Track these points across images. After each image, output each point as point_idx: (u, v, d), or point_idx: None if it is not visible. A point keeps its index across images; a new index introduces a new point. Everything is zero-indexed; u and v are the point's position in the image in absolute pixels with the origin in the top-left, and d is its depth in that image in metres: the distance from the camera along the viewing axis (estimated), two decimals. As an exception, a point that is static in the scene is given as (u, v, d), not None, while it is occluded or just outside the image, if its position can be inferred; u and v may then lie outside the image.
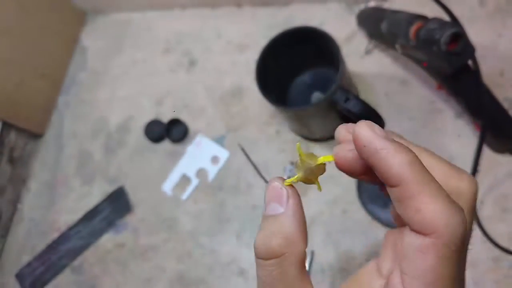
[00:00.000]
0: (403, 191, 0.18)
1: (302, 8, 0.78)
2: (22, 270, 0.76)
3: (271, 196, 0.22)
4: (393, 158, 0.18)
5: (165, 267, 0.69)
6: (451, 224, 0.16)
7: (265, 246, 0.20)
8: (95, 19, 0.97)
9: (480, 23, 0.64)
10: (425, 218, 0.17)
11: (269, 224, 0.21)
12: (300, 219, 0.21)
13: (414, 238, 0.17)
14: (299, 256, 0.20)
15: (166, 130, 0.77)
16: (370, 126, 0.19)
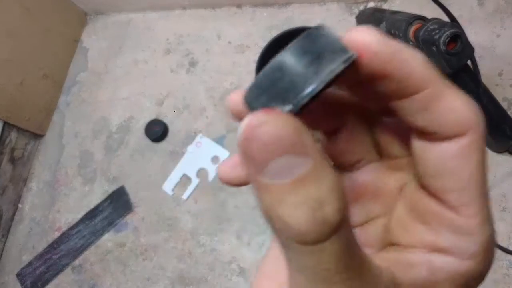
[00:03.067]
0: (431, 93, 0.14)
1: (302, 8, 0.78)
2: (23, 270, 0.77)
3: (277, 148, 0.12)
4: (414, 58, 0.14)
5: (165, 266, 0.69)
6: (479, 115, 0.14)
7: (318, 223, 0.12)
8: (96, 20, 0.97)
9: (479, 24, 0.65)
10: (461, 114, 0.14)
11: (298, 192, 0.12)
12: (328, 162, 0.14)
13: (447, 146, 0.15)
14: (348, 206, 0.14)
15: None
16: (371, 29, 0.14)
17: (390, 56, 0.14)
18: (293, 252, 0.13)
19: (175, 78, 0.83)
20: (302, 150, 0.12)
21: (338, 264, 0.13)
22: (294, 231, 0.12)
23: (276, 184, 0.12)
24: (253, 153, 0.12)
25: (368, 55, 0.14)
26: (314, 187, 0.12)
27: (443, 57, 0.47)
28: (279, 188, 0.12)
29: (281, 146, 0.12)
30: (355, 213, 0.18)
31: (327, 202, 0.12)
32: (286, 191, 0.12)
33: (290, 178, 0.12)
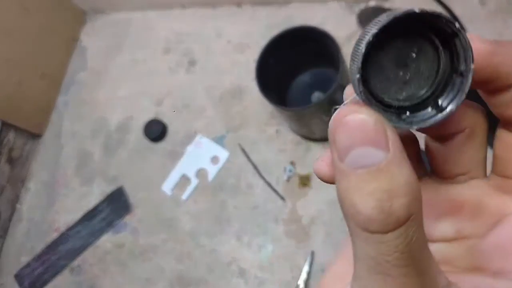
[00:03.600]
0: None
1: (302, 7, 0.78)
2: (21, 271, 0.76)
3: (359, 138, 0.14)
4: None
5: (164, 267, 0.68)
6: None
7: (384, 213, 0.13)
8: (95, 19, 0.96)
9: (481, 23, 0.64)
10: None
11: (371, 181, 0.13)
12: (407, 160, 0.14)
13: None
14: (422, 206, 0.14)
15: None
16: None
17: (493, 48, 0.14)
18: (358, 239, 0.14)
19: (174, 77, 0.83)
20: (381, 143, 0.13)
21: (398, 258, 0.13)
22: (361, 217, 0.13)
23: (353, 172, 0.13)
24: (338, 140, 0.14)
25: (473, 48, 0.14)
26: (386, 180, 0.13)
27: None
28: (355, 175, 0.13)
29: (363, 136, 0.13)
30: (446, 226, 0.17)
31: (396, 196, 0.13)
32: (361, 179, 0.13)
33: (366, 167, 0.13)
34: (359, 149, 0.13)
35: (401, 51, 0.15)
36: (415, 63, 0.15)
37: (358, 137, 0.13)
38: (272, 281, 0.62)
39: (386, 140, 0.13)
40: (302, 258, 0.61)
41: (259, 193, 0.68)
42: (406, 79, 0.15)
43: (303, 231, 0.63)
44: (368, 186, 0.13)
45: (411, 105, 0.15)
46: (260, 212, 0.67)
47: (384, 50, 0.15)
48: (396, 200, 0.13)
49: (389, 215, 0.13)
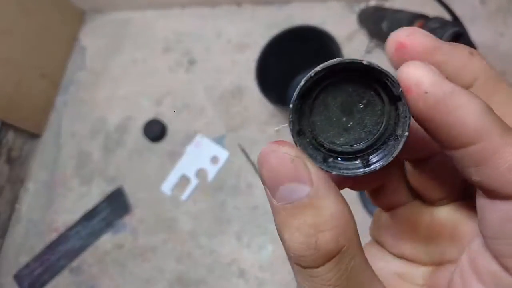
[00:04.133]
0: (485, 148, 0.13)
1: (303, 7, 0.77)
2: (21, 271, 0.76)
3: (282, 175, 0.14)
4: (468, 106, 0.13)
5: (164, 268, 0.68)
6: None
7: (311, 249, 0.13)
8: (94, 19, 0.96)
9: (482, 22, 0.64)
10: None
11: (297, 217, 0.13)
12: (335, 189, 0.14)
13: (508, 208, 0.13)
14: (357, 237, 0.14)
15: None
16: (425, 65, 0.13)
17: (440, 99, 0.13)
18: (294, 272, 0.14)
19: (174, 77, 0.83)
20: (302, 178, 0.13)
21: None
22: (291, 253, 0.13)
23: (283, 207, 0.13)
24: (265, 178, 0.14)
25: (417, 94, 0.13)
26: (311, 214, 0.13)
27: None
28: (284, 211, 0.13)
29: (285, 174, 0.13)
30: (432, 251, 0.17)
31: (322, 230, 0.13)
32: (289, 214, 0.13)
33: (293, 203, 0.13)
34: (286, 185, 0.14)
35: (350, 98, 0.15)
36: (361, 114, 0.15)
37: (281, 174, 0.14)
38: (272, 282, 0.62)
39: (307, 175, 0.13)
40: (302, 258, 0.61)
41: (259, 193, 0.68)
42: (348, 126, 0.15)
43: (303, 232, 0.63)
44: (295, 221, 0.13)
45: (343, 152, 0.15)
46: (260, 212, 0.66)
47: (334, 93, 0.15)
48: (321, 234, 0.13)
49: (316, 250, 0.13)
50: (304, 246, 0.13)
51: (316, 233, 0.13)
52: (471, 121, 0.13)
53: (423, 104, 0.13)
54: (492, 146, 0.13)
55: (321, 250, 0.13)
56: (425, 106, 0.13)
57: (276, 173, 0.14)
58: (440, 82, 0.13)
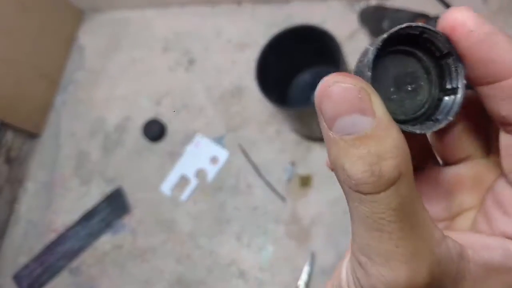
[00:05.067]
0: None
1: (303, 6, 0.77)
2: (20, 272, 0.75)
3: (346, 105, 0.14)
4: (505, 44, 0.15)
5: (163, 268, 0.68)
6: None
7: (374, 176, 0.14)
8: (93, 18, 0.96)
9: (483, 22, 0.64)
10: None
11: (359, 147, 0.14)
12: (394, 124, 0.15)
13: None
14: (411, 165, 0.15)
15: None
16: (470, 9, 0.15)
17: (483, 37, 0.15)
18: (353, 201, 0.15)
19: (173, 76, 0.82)
20: (366, 110, 0.14)
21: (391, 215, 0.14)
22: (353, 181, 0.14)
23: (342, 139, 0.14)
24: (324, 110, 0.14)
25: (462, 33, 0.15)
26: (374, 144, 0.14)
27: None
28: (344, 142, 0.14)
29: (348, 105, 0.14)
30: (450, 205, 0.19)
31: (385, 158, 0.14)
32: (350, 145, 0.14)
33: (354, 134, 0.14)
34: (346, 117, 0.14)
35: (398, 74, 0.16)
36: (413, 86, 0.16)
37: (343, 105, 0.14)
38: (272, 282, 0.62)
39: (371, 106, 0.14)
40: (303, 259, 0.61)
41: (259, 193, 0.67)
42: (401, 97, 0.16)
43: (303, 232, 0.63)
44: (357, 151, 0.14)
45: (405, 120, 0.17)
46: (260, 213, 0.66)
47: (383, 70, 0.16)
48: (384, 162, 0.14)
49: (379, 177, 0.14)
50: (367, 174, 0.14)
51: (379, 161, 0.14)
52: (508, 56, 0.15)
53: (468, 42, 0.15)
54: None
55: (384, 176, 0.14)
56: (470, 43, 0.15)
57: (338, 105, 0.14)
58: (483, 23, 0.15)
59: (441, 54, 0.16)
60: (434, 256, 0.15)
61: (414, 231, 0.15)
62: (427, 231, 0.15)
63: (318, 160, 0.67)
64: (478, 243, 0.16)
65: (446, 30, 0.15)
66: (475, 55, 0.15)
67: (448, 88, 0.16)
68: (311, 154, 0.67)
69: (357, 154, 0.14)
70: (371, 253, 0.15)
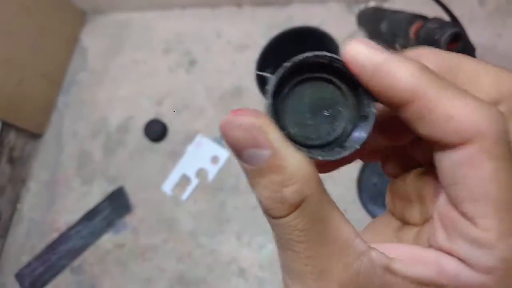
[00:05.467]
0: (422, 104, 0.15)
1: (302, 8, 0.78)
2: (22, 270, 0.76)
3: (242, 143, 0.15)
4: (399, 70, 0.15)
5: (165, 267, 0.69)
6: (492, 118, 0.14)
7: (277, 202, 0.15)
8: (95, 19, 0.97)
9: (480, 23, 0.64)
10: (461, 122, 0.14)
11: (263, 176, 0.15)
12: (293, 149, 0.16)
13: (455, 155, 0.15)
14: (319, 186, 0.16)
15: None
16: (363, 42, 0.16)
17: (375, 67, 0.15)
18: (269, 223, 0.16)
19: (174, 77, 0.83)
20: (262, 144, 0.15)
21: (299, 235, 0.16)
22: (262, 207, 0.16)
23: (249, 169, 0.16)
24: (227, 144, 0.16)
25: (356, 67, 0.16)
26: (274, 174, 0.15)
27: (444, 57, 0.47)
28: (251, 172, 0.16)
29: (243, 141, 0.15)
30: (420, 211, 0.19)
31: (286, 185, 0.15)
32: (256, 174, 0.16)
33: (256, 166, 0.15)
34: (245, 152, 0.15)
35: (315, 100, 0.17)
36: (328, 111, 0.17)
37: (240, 142, 0.15)
38: (272, 281, 0.62)
39: (265, 139, 0.15)
40: (302, 257, 0.61)
41: (259, 193, 0.68)
42: (317, 122, 0.17)
43: (303, 231, 0.63)
44: (262, 180, 0.15)
45: (320, 144, 0.17)
46: (260, 212, 0.66)
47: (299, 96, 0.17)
48: (286, 189, 0.15)
49: (282, 203, 0.15)
50: (271, 200, 0.15)
51: (280, 188, 0.15)
52: (402, 83, 0.15)
53: (364, 75, 0.16)
54: (428, 102, 0.15)
55: (287, 202, 0.15)
56: (366, 76, 0.16)
57: (236, 141, 0.15)
58: (374, 54, 0.15)
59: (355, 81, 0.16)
60: (349, 270, 0.16)
61: (325, 248, 0.16)
62: (342, 246, 0.16)
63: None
64: (410, 256, 0.16)
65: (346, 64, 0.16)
66: (374, 86, 0.16)
67: (362, 115, 0.17)
68: (310, 154, 0.68)
69: (262, 183, 0.15)
70: (289, 272, 0.17)
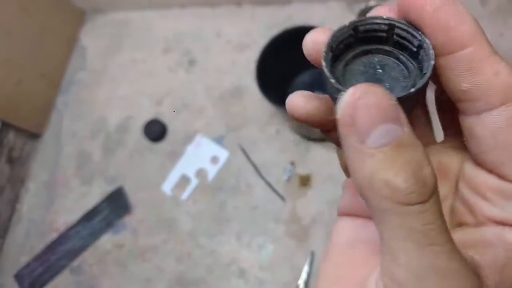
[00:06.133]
0: (476, 53, 0.14)
1: (302, 7, 0.78)
2: (21, 271, 0.76)
3: (380, 114, 0.13)
4: (465, 14, 0.15)
5: (164, 267, 0.68)
6: None
7: (420, 182, 0.13)
8: (94, 19, 0.96)
9: (482, 23, 0.63)
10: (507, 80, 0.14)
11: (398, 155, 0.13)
12: None
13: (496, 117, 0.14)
14: None
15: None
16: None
17: (439, 5, 0.15)
18: (397, 217, 0.14)
19: (174, 77, 0.83)
20: (399, 119, 0.14)
21: (440, 225, 0.13)
22: (399, 192, 0.13)
23: (379, 151, 0.13)
24: (357, 122, 0.14)
25: (418, 7, 0.15)
26: (412, 151, 0.13)
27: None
28: (382, 153, 0.13)
29: (383, 114, 0.13)
30: None
31: (424, 165, 0.13)
32: (389, 155, 0.13)
33: (391, 143, 0.13)
34: (381, 127, 0.13)
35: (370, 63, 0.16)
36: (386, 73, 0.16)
37: (379, 115, 0.13)
38: (272, 282, 0.62)
39: (401, 115, 0.14)
40: (302, 258, 0.61)
41: (259, 193, 0.68)
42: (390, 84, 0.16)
43: (303, 231, 0.63)
44: (398, 160, 0.13)
45: None
46: (260, 212, 0.67)
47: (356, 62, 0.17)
48: (425, 168, 0.13)
49: (424, 184, 0.13)
50: (414, 181, 0.13)
51: (421, 168, 0.13)
52: (467, 25, 0.15)
53: (426, 14, 0.15)
54: (482, 51, 0.14)
55: (428, 183, 0.13)
56: (428, 14, 0.15)
57: (373, 116, 0.13)
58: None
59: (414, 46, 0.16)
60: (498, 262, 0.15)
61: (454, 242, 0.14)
62: None
63: (318, 160, 0.67)
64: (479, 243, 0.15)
65: (404, 11, 0.15)
66: (434, 25, 0.15)
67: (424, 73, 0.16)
68: (310, 154, 0.68)
69: (398, 164, 0.13)
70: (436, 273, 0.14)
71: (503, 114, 0.14)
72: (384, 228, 0.14)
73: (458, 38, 0.15)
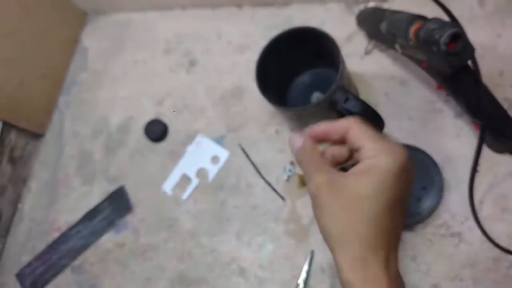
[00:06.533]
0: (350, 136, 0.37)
1: (302, 8, 0.78)
2: (23, 270, 0.76)
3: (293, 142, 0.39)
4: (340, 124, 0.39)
5: (165, 266, 0.69)
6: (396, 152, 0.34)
7: None
8: (96, 20, 0.97)
9: (480, 23, 0.64)
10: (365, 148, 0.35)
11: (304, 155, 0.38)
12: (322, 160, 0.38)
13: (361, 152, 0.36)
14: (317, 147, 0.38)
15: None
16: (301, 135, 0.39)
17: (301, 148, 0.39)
18: None
19: (174, 78, 0.83)
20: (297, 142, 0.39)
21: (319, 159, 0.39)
22: None
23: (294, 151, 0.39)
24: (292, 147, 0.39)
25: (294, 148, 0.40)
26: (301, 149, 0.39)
27: (443, 57, 0.47)
28: None
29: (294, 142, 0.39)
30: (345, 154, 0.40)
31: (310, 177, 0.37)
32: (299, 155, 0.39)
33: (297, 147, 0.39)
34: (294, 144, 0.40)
35: None
36: None
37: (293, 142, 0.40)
38: (272, 280, 0.62)
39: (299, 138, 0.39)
40: (302, 257, 0.62)
41: (259, 193, 0.68)
42: None
43: (303, 231, 0.64)
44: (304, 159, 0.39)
45: None
46: (260, 212, 0.67)
47: None
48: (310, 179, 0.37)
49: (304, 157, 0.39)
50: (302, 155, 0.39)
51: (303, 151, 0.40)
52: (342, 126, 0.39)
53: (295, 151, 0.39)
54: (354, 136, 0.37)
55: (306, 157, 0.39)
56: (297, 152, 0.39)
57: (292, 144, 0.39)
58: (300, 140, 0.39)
59: None
60: None
61: None
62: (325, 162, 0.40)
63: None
64: None
65: None
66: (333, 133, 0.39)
67: None
68: (310, 154, 0.68)
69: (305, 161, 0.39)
70: None
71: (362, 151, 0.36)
72: None
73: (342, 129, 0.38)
